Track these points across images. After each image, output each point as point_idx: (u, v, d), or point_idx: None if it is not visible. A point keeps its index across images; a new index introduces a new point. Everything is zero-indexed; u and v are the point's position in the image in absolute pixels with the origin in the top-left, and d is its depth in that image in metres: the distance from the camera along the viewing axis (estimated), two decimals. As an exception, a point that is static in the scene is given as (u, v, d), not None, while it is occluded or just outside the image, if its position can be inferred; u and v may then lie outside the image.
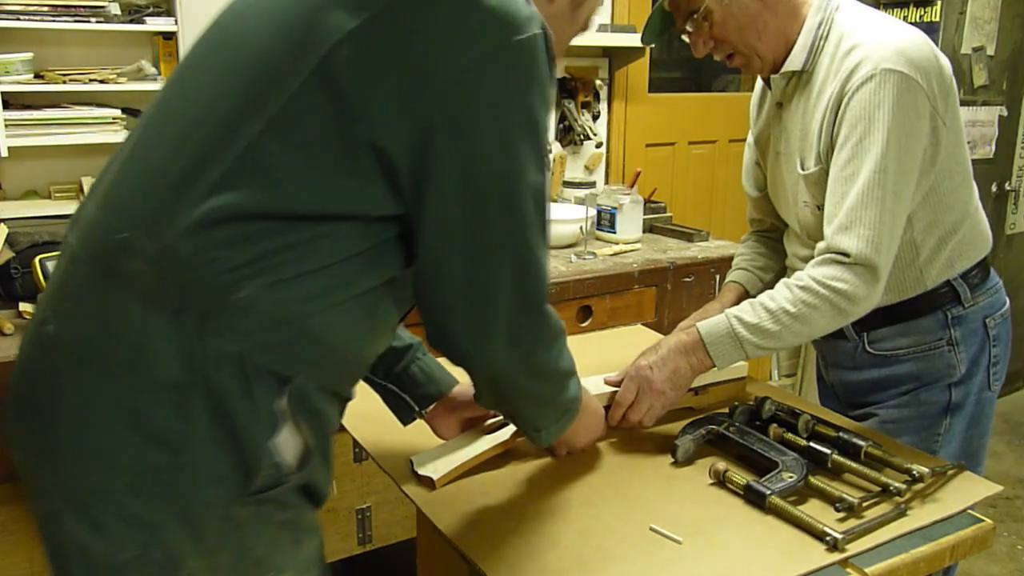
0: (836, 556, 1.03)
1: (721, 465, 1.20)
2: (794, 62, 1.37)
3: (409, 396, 1.24)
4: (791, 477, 1.15)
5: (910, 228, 1.35)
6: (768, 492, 1.12)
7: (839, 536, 1.04)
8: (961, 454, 1.43)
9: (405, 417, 1.27)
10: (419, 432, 1.29)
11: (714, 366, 1.32)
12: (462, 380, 1.29)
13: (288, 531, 0.92)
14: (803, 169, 1.39)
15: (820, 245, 1.31)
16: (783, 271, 1.60)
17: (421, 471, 1.20)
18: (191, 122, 0.86)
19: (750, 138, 1.62)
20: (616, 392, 1.34)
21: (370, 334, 0.96)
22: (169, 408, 0.83)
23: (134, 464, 0.83)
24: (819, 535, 1.06)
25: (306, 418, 0.90)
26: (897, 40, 1.27)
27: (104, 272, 0.85)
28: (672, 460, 1.27)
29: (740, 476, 1.18)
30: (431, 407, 1.27)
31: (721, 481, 1.19)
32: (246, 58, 0.86)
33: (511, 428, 1.25)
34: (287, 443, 0.88)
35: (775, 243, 1.63)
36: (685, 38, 1.39)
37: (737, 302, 1.44)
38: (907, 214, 1.30)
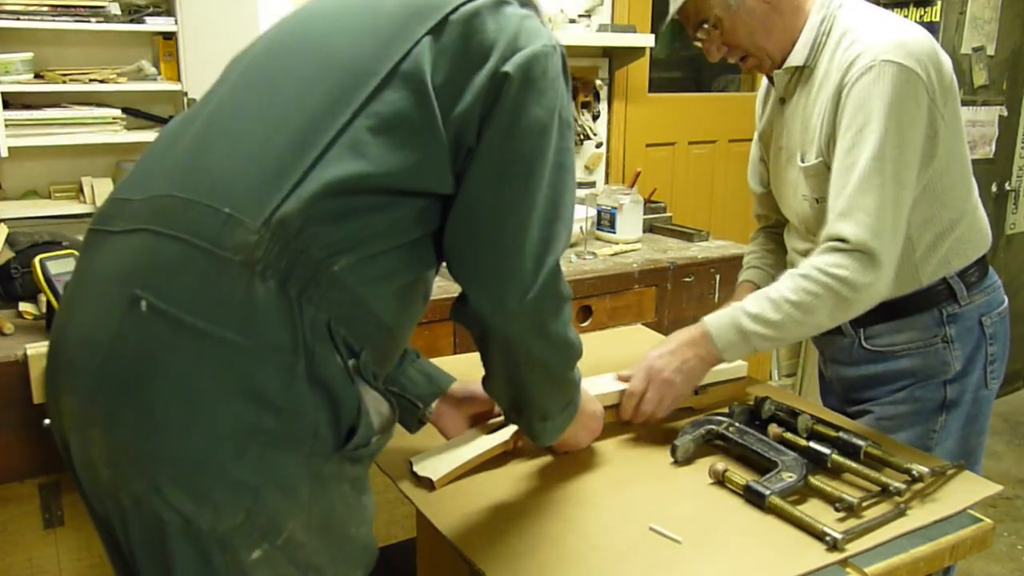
0: (836, 556, 1.03)
1: (720, 465, 1.20)
2: (796, 57, 1.39)
3: (410, 395, 1.26)
4: (791, 477, 1.15)
5: (906, 223, 1.34)
6: (767, 492, 1.12)
7: (838, 536, 1.04)
8: (958, 451, 1.43)
9: (410, 423, 1.29)
10: (418, 433, 1.29)
11: (722, 359, 1.33)
12: (468, 376, 1.30)
13: (355, 488, 0.98)
14: (803, 162, 1.40)
15: (822, 235, 1.31)
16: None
17: (420, 472, 1.20)
18: (284, 108, 0.94)
19: (756, 135, 1.64)
20: (624, 391, 1.35)
21: (410, 321, 1.05)
22: (278, 370, 0.86)
23: (241, 427, 0.86)
24: (819, 535, 1.06)
25: (370, 386, 0.96)
26: (897, 33, 1.28)
27: (207, 246, 0.88)
28: (672, 460, 1.27)
29: (739, 476, 1.18)
30: (434, 405, 1.28)
31: (721, 481, 1.19)
32: (335, 55, 0.96)
33: (511, 428, 1.25)
34: (373, 403, 0.95)
35: (782, 239, 1.63)
36: (698, 44, 1.42)
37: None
38: (910, 202, 1.30)
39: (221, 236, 0.88)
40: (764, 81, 1.58)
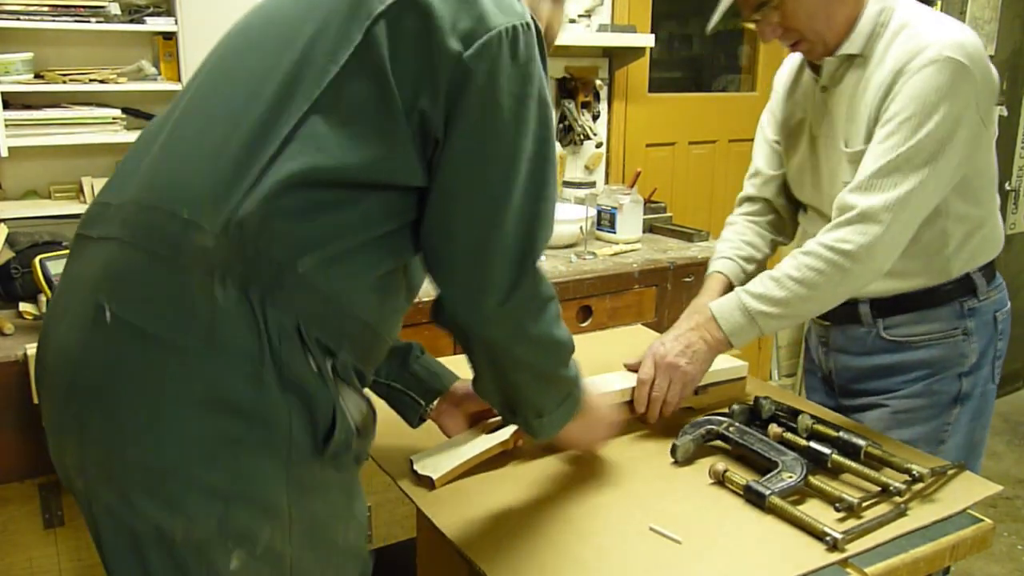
0: (836, 556, 1.03)
1: (721, 465, 1.20)
2: (852, 46, 1.38)
3: (413, 392, 1.25)
4: (791, 477, 1.15)
5: (944, 217, 1.38)
6: (768, 492, 1.12)
7: (839, 536, 1.04)
8: (965, 444, 1.46)
9: (412, 417, 1.28)
10: (419, 432, 1.29)
11: (729, 344, 1.34)
12: (468, 375, 1.30)
13: (344, 493, 0.96)
14: (847, 147, 1.40)
15: (836, 202, 1.32)
16: (765, 262, 1.61)
17: (421, 471, 1.20)
18: (240, 105, 0.91)
19: (768, 118, 1.63)
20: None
21: (393, 315, 1.02)
22: (244, 377, 0.85)
23: (210, 436, 0.85)
24: (819, 535, 1.06)
25: (348, 385, 0.94)
26: (957, 33, 1.30)
27: (167, 253, 0.87)
28: (672, 460, 1.27)
29: (740, 476, 1.18)
30: (435, 403, 1.28)
31: (721, 481, 1.19)
32: (291, 44, 0.92)
33: (511, 428, 1.25)
34: (353, 407, 0.93)
35: (761, 230, 1.63)
36: (750, 25, 1.41)
37: (723, 294, 1.45)
38: (934, 202, 1.32)
39: (180, 243, 0.87)
40: (787, 69, 1.59)
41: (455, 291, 0.99)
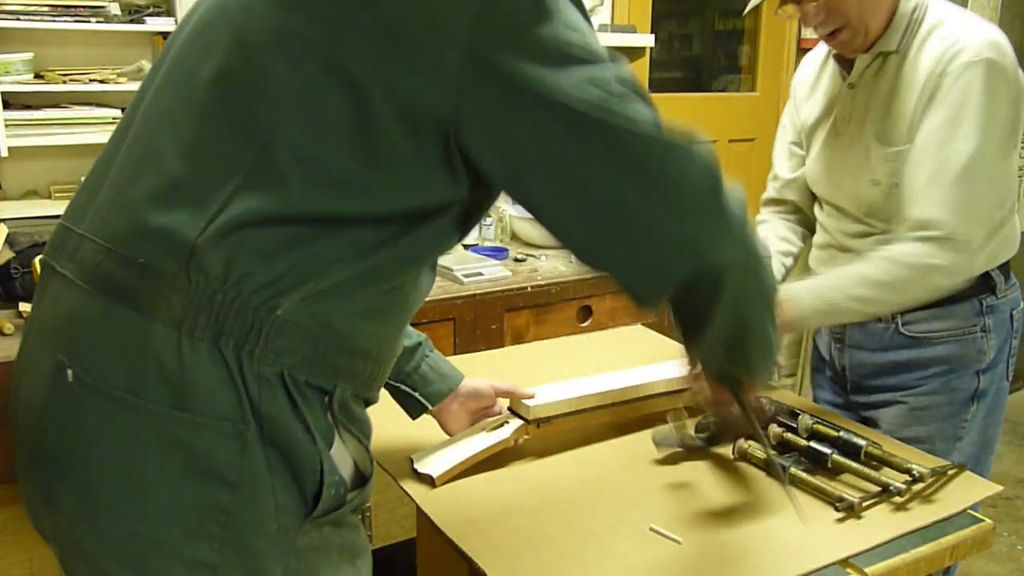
0: (836, 556, 1.03)
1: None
2: (888, 42, 1.39)
3: (420, 394, 1.23)
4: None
5: None
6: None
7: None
8: (978, 441, 1.49)
9: (414, 413, 1.27)
10: (419, 431, 1.29)
11: (803, 323, 1.35)
12: (468, 375, 1.30)
13: (346, 555, 0.90)
14: (887, 147, 1.40)
15: (913, 217, 1.32)
16: (799, 256, 1.65)
17: (421, 469, 1.20)
18: (194, 127, 0.81)
19: (788, 120, 1.64)
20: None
21: (395, 337, 0.94)
22: (225, 441, 0.78)
23: (191, 507, 0.78)
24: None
25: (348, 427, 0.87)
26: (991, 33, 1.32)
27: (125, 303, 0.79)
28: (657, 455, 1.27)
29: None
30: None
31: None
32: (238, 64, 0.80)
33: (512, 426, 1.25)
34: (341, 458, 0.86)
35: (794, 226, 1.66)
36: (794, 11, 1.37)
37: None
38: (995, 199, 1.36)
39: (139, 292, 0.78)
40: (807, 65, 1.60)
41: (671, 244, 0.85)
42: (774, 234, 1.65)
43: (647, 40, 2.99)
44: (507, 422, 1.26)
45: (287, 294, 0.78)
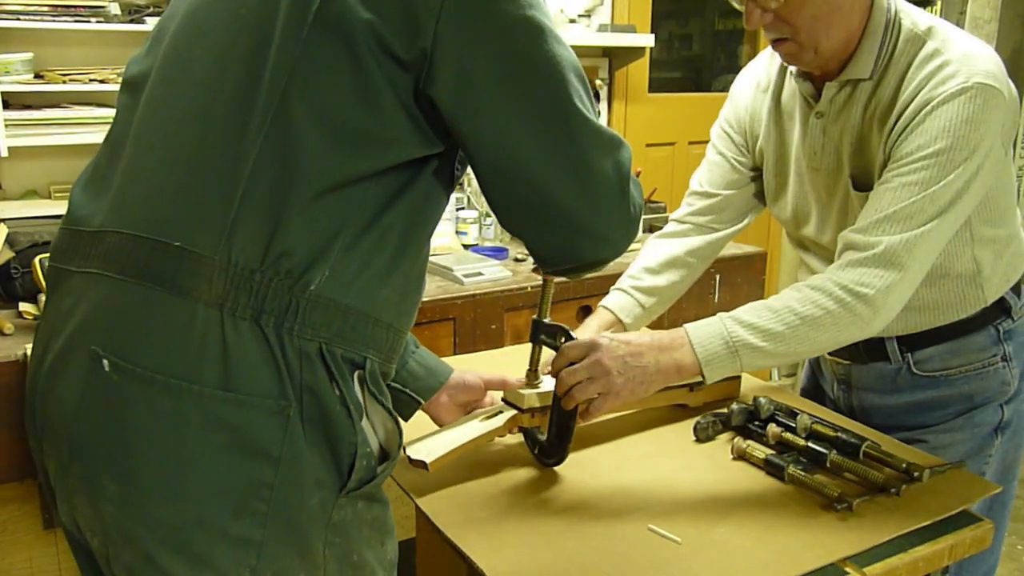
0: (835, 556, 1.03)
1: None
2: (860, 70, 1.24)
3: (411, 390, 1.23)
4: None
5: (972, 244, 1.29)
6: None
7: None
8: (999, 468, 1.38)
9: (406, 412, 1.27)
10: (419, 429, 1.29)
11: (700, 374, 1.16)
12: (456, 367, 1.30)
13: (376, 530, 0.92)
14: (858, 189, 1.27)
15: (846, 238, 1.20)
16: (671, 297, 1.54)
17: (414, 455, 1.18)
18: (205, 107, 0.83)
19: (723, 131, 1.52)
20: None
21: (411, 308, 0.96)
22: (268, 418, 0.79)
23: (237, 484, 0.79)
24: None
25: (379, 399, 0.89)
26: (980, 52, 1.19)
27: (164, 288, 0.80)
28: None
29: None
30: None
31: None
32: (242, 36, 0.84)
33: (505, 416, 1.25)
34: (369, 431, 0.88)
35: (678, 256, 1.53)
36: (739, 5, 1.23)
37: (598, 331, 1.37)
38: (946, 242, 1.20)
39: (178, 275, 0.80)
40: (750, 81, 1.46)
41: (584, 236, 0.93)
42: (644, 271, 1.53)
43: (647, 40, 3.00)
44: (501, 411, 1.26)
45: (317, 268, 0.81)
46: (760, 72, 1.46)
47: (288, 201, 0.80)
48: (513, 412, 1.25)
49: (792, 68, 1.34)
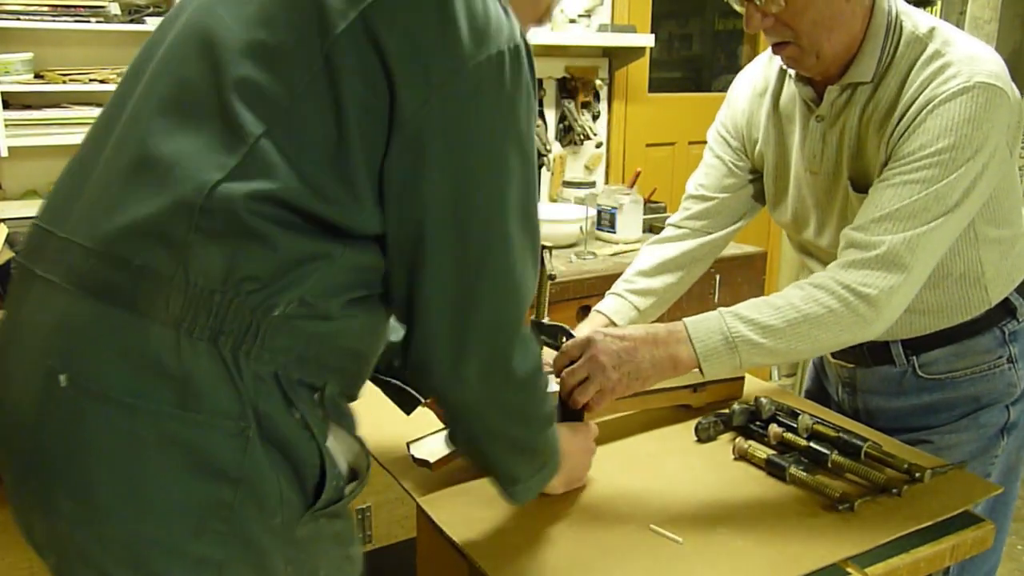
0: (836, 556, 1.03)
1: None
2: (861, 73, 1.23)
3: (412, 387, 1.23)
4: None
5: (976, 245, 1.28)
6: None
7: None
8: (1004, 468, 1.38)
9: (408, 407, 1.26)
10: (419, 429, 1.29)
11: (699, 368, 1.16)
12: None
13: (339, 544, 0.91)
14: (857, 191, 1.26)
15: (847, 236, 1.19)
16: (667, 299, 1.53)
17: (417, 454, 1.18)
18: (183, 136, 0.81)
19: (721, 135, 1.52)
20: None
21: (382, 331, 0.95)
22: (227, 439, 0.78)
23: (195, 504, 0.78)
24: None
25: (339, 422, 0.88)
26: (983, 54, 1.18)
27: (121, 305, 0.79)
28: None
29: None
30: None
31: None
32: (227, 60, 0.82)
33: None
34: (338, 449, 0.87)
35: (673, 259, 1.53)
36: (739, 8, 1.22)
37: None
38: (951, 243, 1.20)
39: (135, 293, 0.78)
40: (748, 83, 1.46)
41: (434, 353, 0.89)
42: (640, 275, 1.52)
43: (647, 40, 3.00)
44: None
45: (283, 294, 0.79)
46: (758, 76, 1.46)
47: (256, 227, 0.78)
48: None
49: (792, 72, 1.34)
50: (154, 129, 0.82)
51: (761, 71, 1.45)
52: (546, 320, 1.25)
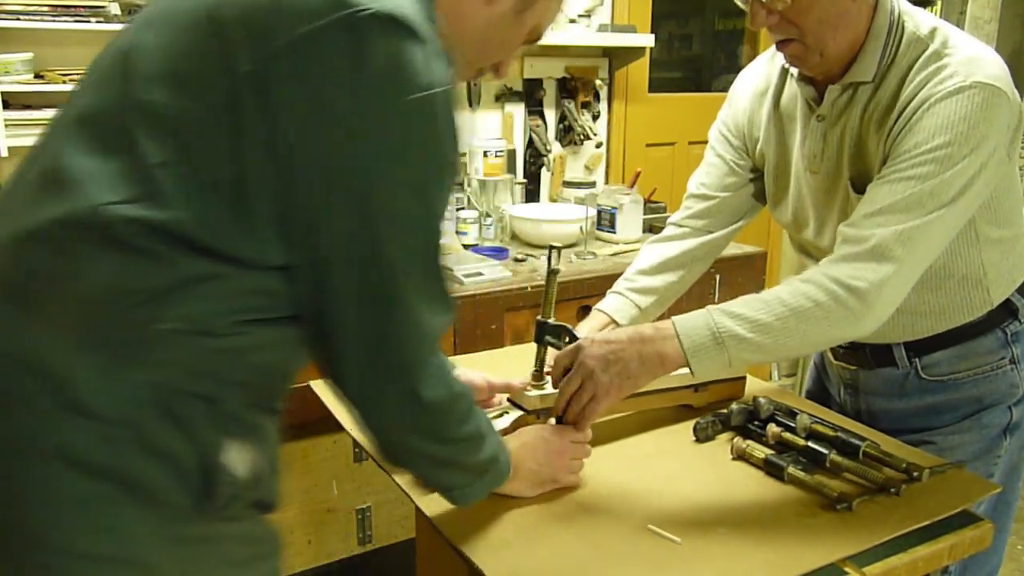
0: (834, 555, 1.03)
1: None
2: (863, 72, 1.23)
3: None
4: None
5: (978, 246, 1.28)
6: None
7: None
8: (1005, 468, 1.38)
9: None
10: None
11: (687, 366, 1.15)
12: (456, 368, 1.30)
13: (242, 543, 0.91)
14: (859, 192, 1.24)
15: (841, 232, 1.18)
16: (668, 298, 1.53)
17: None
18: (86, 153, 0.83)
19: (723, 134, 1.52)
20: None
21: (293, 347, 0.93)
22: (102, 441, 0.80)
23: (80, 497, 0.80)
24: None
25: (244, 435, 0.89)
26: (984, 55, 1.17)
27: (18, 304, 0.81)
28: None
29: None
30: None
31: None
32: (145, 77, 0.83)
33: (511, 416, 1.25)
34: (237, 459, 0.87)
35: (674, 258, 1.53)
36: (744, 5, 1.21)
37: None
38: (946, 244, 1.19)
39: (28, 294, 0.81)
40: (749, 82, 1.46)
41: (342, 375, 0.91)
42: (640, 273, 1.53)
43: (647, 40, 3.00)
44: (507, 412, 1.26)
45: (171, 310, 0.80)
46: (759, 75, 1.46)
47: (145, 242, 0.80)
48: (519, 413, 1.26)
49: (793, 71, 1.34)
50: (67, 143, 0.84)
51: (763, 70, 1.45)
52: (551, 320, 1.25)
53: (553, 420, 1.24)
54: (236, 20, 0.80)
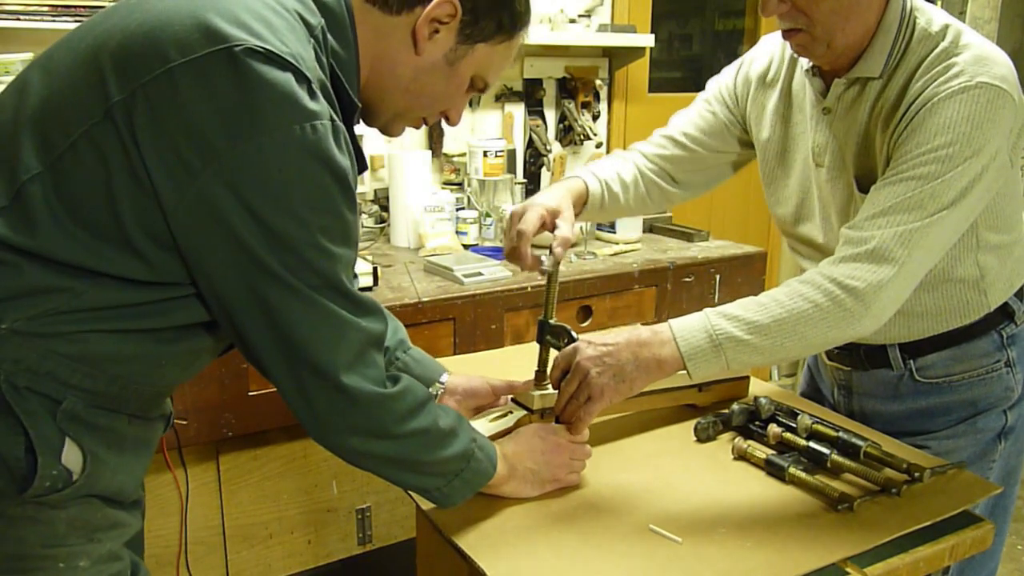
0: (835, 556, 1.03)
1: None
2: (870, 67, 1.22)
3: None
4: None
5: (976, 250, 1.28)
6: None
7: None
8: (1001, 472, 1.37)
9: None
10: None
11: (684, 368, 1.14)
12: (468, 375, 1.31)
13: (75, 529, 0.92)
14: (864, 191, 1.23)
15: (842, 234, 1.18)
16: (627, 199, 1.49)
17: None
18: None
19: (723, 103, 1.48)
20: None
21: (170, 361, 0.96)
22: None
23: None
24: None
25: (88, 434, 0.90)
26: (993, 55, 1.16)
27: None
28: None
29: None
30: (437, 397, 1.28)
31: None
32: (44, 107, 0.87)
33: (514, 416, 1.25)
34: (72, 456, 0.89)
35: (629, 182, 1.49)
36: None
37: (576, 193, 1.37)
38: (948, 246, 1.19)
39: None
40: (767, 60, 1.42)
41: (275, 384, 0.94)
42: (613, 167, 1.48)
43: (647, 40, 3.00)
44: (510, 412, 1.27)
45: (14, 312, 0.84)
46: (776, 52, 1.42)
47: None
48: (523, 413, 1.26)
49: (803, 62, 1.33)
50: None
51: (779, 50, 1.42)
52: (553, 320, 1.25)
53: (555, 420, 1.24)
54: (113, 52, 0.83)
